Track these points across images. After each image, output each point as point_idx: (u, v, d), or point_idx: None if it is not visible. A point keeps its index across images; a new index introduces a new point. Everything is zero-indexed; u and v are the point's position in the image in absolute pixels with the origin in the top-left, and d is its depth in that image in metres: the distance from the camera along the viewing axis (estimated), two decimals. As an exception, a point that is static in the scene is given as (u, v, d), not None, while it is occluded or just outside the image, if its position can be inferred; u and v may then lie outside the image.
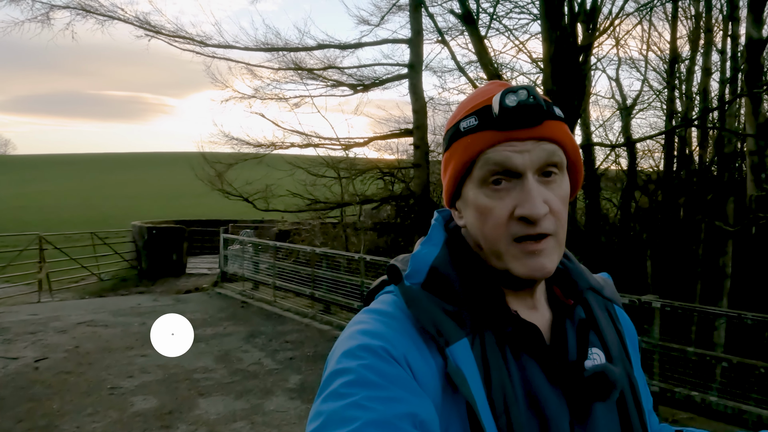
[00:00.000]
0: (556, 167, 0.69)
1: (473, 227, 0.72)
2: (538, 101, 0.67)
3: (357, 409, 0.56)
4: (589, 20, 9.20)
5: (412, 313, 0.67)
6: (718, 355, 5.33)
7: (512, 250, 0.68)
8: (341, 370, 0.61)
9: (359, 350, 0.62)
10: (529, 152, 0.67)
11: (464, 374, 0.63)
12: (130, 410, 4.98)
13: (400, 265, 0.74)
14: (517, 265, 0.68)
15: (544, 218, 0.66)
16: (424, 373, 0.63)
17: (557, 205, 0.68)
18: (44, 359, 6.42)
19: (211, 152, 13.43)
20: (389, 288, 0.76)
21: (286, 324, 8.45)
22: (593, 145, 12.08)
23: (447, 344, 0.64)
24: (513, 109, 0.67)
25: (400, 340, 0.64)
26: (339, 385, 0.59)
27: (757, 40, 7.48)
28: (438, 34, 12.45)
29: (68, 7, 11.55)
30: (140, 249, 14.34)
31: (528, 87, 0.68)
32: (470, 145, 0.70)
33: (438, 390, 0.63)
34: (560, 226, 0.69)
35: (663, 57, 12.98)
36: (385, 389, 0.58)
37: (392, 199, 12.68)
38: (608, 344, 0.75)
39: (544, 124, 0.68)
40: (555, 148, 0.69)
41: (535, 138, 0.68)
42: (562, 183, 0.70)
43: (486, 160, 0.68)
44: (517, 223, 0.67)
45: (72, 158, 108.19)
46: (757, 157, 7.68)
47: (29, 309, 9.51)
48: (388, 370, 0.60)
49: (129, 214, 26.80)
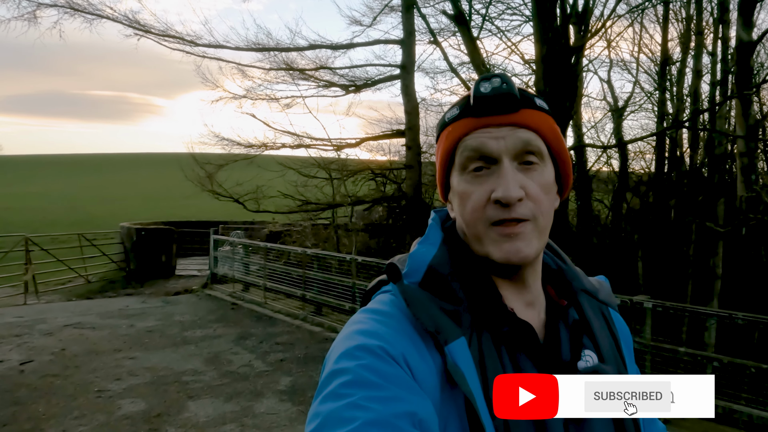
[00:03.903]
0: (534, 155, 0.70)
1: (458, 214, 0.74)
2: (511, 89, 0.69)
3: (355, 409, 0.55)
4: (580, 22, 9.24)
5: (412, 311, 0.67)
6: (709, 355, 5.34)
7: (490, 233, 0.69)
8: (339, 370, 0.60)
9: (357, 350, 0.62)
10: (504, 138, 0.69)
11: (463, 372, 0.63)
12: (117, 413, 4.89)
13: (399, 264, 0.74)
14: (494, 249, 0.69)
15: (521, 203, 0.68)
16: (423, 371, 0.63)
17: (535, 191, 0.69)
18: (30, 362, 6.29)
19: (201, 153, 13.31)
20: (387, 288, 0.76)
21: (276, 326, 8.37)
22: (585, 147, 12.12)
23: (446, 342, 0.64)
24: (487, 96, 0.69)
25: (398, 340, 0.64)
26: (337, 385, 0.59)
27: (746, 42, 7.54)
28: (430, 35, 12.47)
29: (56, 5, 11.38)
30: (128, 250, 14.16)
31: (501, 75, 0.70)
32: (451, 133, 0.73)
33: (436, 388, 0.63)
34: (540, 213, 0.69)
35: (654, 59, 13.08)
36: (383, 389, 0.58)
37: (384, 200, 12.64)
38: (600, 347, 0.75)
39: (521, 112, 0.70)
40: (532, 136, 0.70)
41: (510, 124, 0.70)
42: (543, 171, 0.71)
43: (465, 147, 0.71)
44: (494, 206, 0.68)
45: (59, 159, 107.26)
46: (747, 158, 7.74)
47: (15, 311, 9.33)
48: (387, 369, 0.60)
49: (117, 216, 26.52)
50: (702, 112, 10.82)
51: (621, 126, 13.41)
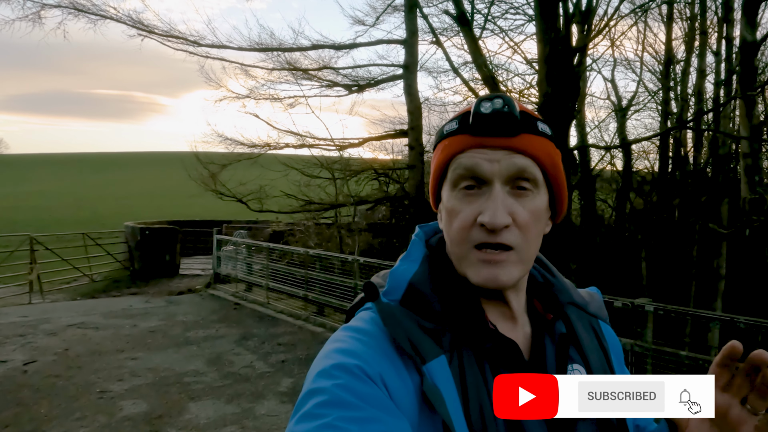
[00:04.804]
0: (528, 182, 0.69)
1: (444, 229, 0.73)
2: (513, 111, 0.67)
3: (330, 429, 0.55)
4: (584, 21, 9.19)
5: (388, 330, 0.66)
6: (712, 359, 5.30)
7: (471, 255, 0.68)
8: (315, 390, 0.60)
9: (334, 369, 0.61)
10: (499, 162, 0.67)
11: (441, 392, 0.62)
12: (119, 414, 4.91)
13: (380, 281, 0.74)
14: (472, 272, 0.68)
15: (507, 230, 0.66)
16: (401, 391, 0.62)
17: (524, 218, 0.68)
18: (33, 362, 6.33)
19: (204, 152, 13.35)
20: (369, 304, 0.74)
21: (279, 326, 8.39)
22: (588, 147, 12.08)
23: (424, 362, 0.63)
24: (486, 116, 0.68)
25: (375, 359, 0.63)
26: (313, 405, 0.58)
27: (750, 42, 7.49)
28: (433, 35, 12.44)
29: (60, 6, 11.45)
30: (133, 250, 14.23)
31: (505, 97, 0.69)
32: (447, 147, 0.72)
33: (415, 409, 0.62)
34: (525, 241, 0.68)
35: (658, 58, 13.00)
36: (359, 409, 0.57)
37: (387, 200, 12.64)
38: (589, 360, 0.75)
39: (520, 137, 0.68)
40: (528, 163, 0.68)
41: (507, 148, 0.68)
42: (535, 198, 0.69)
43: (458, 164, 0.70)
44: (479, 229, 0.67)
45: (64, 158, 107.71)
46: (750, 159, 7.70)
47: (19, 311, 9.39)
48: (363, 389, 0.59)
49: (121, 215, 26.64)
50: (706, 113, 10.77)
51: (625, 125, 13.36)
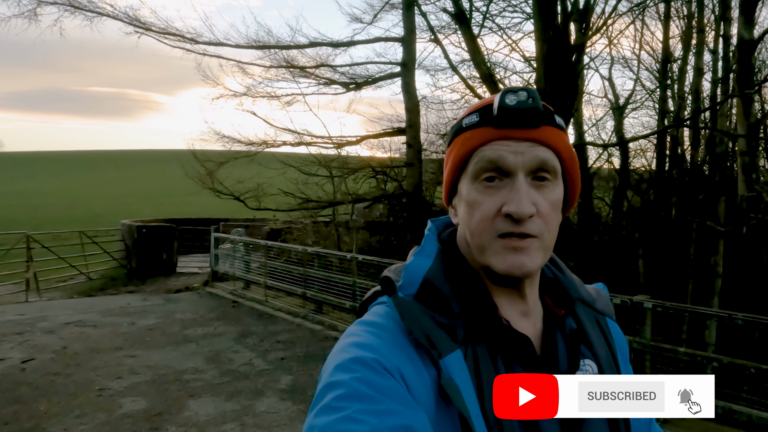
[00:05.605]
0: (549, 173, 0.70)
1: (463, 221, 0.73)
2: (537, 104, 0.69)
3: (350, 422, 0.55)
4: (582, 19, 9.20)
5: (406, 325, 0.67)
6: (709, 356, 5.34)
7: (495, 245, 0.69)
8: (334, 383, 0.60)
9: (352, 363, 0.61)
10: (523, 153, 0.68)
11: (458, 386, 0.62)
12: (118, 412, 4.90)
13: (393, 275, 0.74)
14: (497, 260, 0.69)
15: (530, 219, 0.67)
16: (418, 385, 0.62)
17: (546, 209, 0.69)
18: (31, 360, 6.31)
19: (201, 150, 13.32)
20: (382, 299, 0.75)
21: (277, 324, 8.39)
22: (586, 145, 12.11)
23: (440, 356, 0.64)
24: (511, 108, 0.68)
25: (393, 353, 0.64)
26: (332, 398, 0.58)
27: (748, 40, 7.52)
28: (431, 33, 12.44)
29: (56, 3, 11.38)
30: (130, 248, 14.19)
31: (529, 89, 0.69)
32: (468, 140, 0.72)
33: (432, 402, 0.63)
34: (547, 231, 0.69)
35: (656, 57, 13.03)
36: (378, 402, 0.57)
37: (385, 197, 12.63)
38: (598, 356, 0.76)
39: (542, 129, 0.70)
40: (550, 154, 0.70)
41: (530, 140, 0.69)
42: (554, 189, 0.71)
43: (481, 156, 0.70)
44: (503, 219, 0.68)
45: (59, 155, 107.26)
46: (748, 157, 7.73)
47: (16, 309, 9.36)
48: (381, 382, 0.60)
49: (118, 213, 26.57)
50: (703, 111, 10.80)
51: (622, 123, 13.39)
